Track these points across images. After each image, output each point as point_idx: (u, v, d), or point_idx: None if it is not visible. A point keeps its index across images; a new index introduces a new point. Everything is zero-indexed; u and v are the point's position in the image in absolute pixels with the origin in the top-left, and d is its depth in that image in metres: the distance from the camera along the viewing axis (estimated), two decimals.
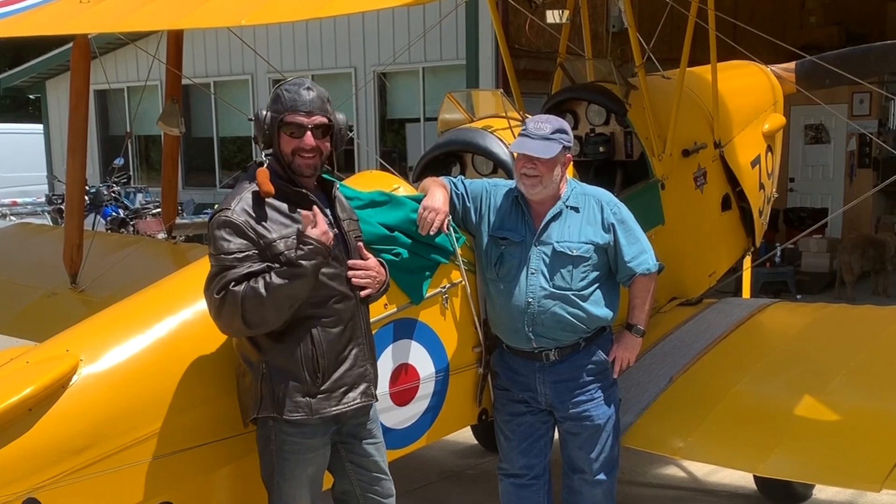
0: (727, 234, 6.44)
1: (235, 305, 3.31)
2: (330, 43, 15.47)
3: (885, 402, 4.34)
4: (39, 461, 3.22)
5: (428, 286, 4.23)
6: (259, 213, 3.43)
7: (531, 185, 4.19)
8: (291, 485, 3.56)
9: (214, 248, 3.40)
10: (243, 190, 3.49)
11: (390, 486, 3.85)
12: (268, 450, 3.56)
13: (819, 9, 16.14)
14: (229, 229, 3.38)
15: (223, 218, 3.41)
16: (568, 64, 6.28)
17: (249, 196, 3.46)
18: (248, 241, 3.38)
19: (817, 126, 14.43)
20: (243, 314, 3.32)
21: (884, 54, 7.22)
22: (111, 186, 14.89)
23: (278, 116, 3.49)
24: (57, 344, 3.57)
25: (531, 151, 4.13)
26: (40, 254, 7.26)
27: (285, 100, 3.49)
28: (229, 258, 3.36)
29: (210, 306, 3.43)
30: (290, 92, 3.50)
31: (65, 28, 5.28)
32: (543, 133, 4.15)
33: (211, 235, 3.43)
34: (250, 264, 3.36)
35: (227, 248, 3.37)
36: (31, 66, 19.53)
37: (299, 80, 3.56)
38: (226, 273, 3.34)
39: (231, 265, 3.35)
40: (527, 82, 8.07)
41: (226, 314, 3.36)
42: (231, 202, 3.45)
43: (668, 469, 6.25)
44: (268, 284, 3.31)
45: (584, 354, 4.29)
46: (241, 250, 3.36)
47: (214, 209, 3.54)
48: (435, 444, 4.74)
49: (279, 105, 3.49)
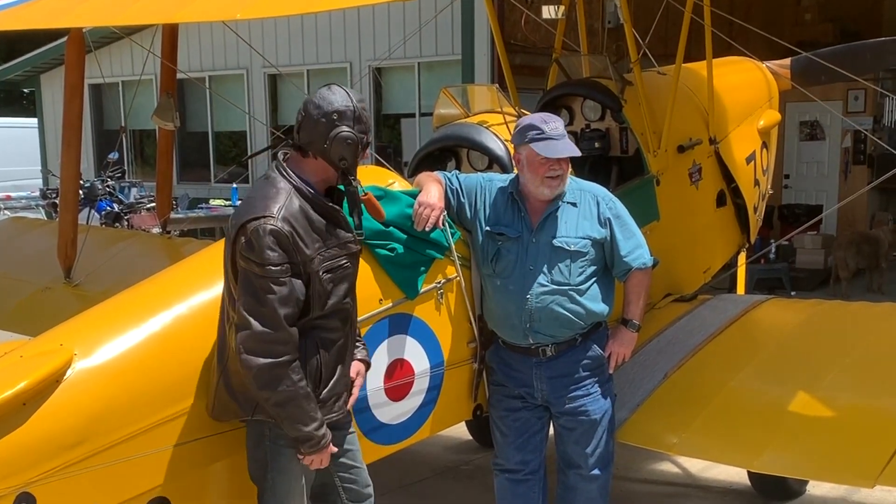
0: (722, 231, 6.44)
1: (277, 382, 3.30)
2: (325, 37, 15.44)
3: (879, 399, 4.34)
4: (33, 456, 3.21)
5: (423, 281, 4.22)
6: (300, 226, 3.37)
7: (556, 185, 4.21)
8: (285, 478, 3.55)
9: (259, 258, 3.29)
10: (280, 194, 3.40)
11: (368, 476, 3.85)
12: (261, 446, 3.55)
13: (814, 5, 16.19)
14: (274, 239, 3.29)
15: (270, 227, 3.30)
16: (563, 59, 6.28)
17: (294, 206, 3.39)
18: (287, 255, 3.32)
19: (812, 123, 14.47)
20: (264, 383, 3.31)
21: (878, 51, 7.23)
22: (105, 181, 14.83)
23: (363, 137, 3.49)
24: (51, 338, 3.56)
25: (563, 153, 4.16)
26: (34, 248, 7.25)
27: (367, 120, 3.52)
28: (275, 270, 3.29)
29: (251, 340, 3.30)
30: (366, 111, 3.52)
31: (59, 22, 5.26)
32: (561, 132, 4.19)
33: (253, 241, 3.30)
34: (289, 278, 3.32)
35: (273, 260, 3.29)
36: (26, 59, 19.48)
37: (360, 95, 3.57)
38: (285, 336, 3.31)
39: (276, 278, 3.29)
40: (522, 78, 8.03)
41: (264, 378, 3.31)
42: (272, 207, 3.34)
43: (663, 465, 6.26)
44: (299, 404, 3.35)
45: (580, 350, 4.30)
46: (283, 263, 3.31)
47: (246, 211, 3.39)
48: (430, 440, 4.74)
49: (364, 126, 3.50)
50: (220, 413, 3.58)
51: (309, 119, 3.47)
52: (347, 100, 3.47)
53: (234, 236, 3.37)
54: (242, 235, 3.33)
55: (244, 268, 3.34)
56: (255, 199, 3.43)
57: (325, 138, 3.44)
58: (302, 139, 3.50)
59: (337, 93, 3.48)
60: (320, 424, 3.43)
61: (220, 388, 3.53)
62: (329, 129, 3.44)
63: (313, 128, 3.46)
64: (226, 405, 3.54)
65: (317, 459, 3.49)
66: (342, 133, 3.43)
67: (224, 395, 3.52)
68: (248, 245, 3.31)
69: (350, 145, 3.45)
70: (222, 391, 3.52)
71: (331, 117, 3.44)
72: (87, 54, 6.15)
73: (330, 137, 3.43)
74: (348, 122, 3.45)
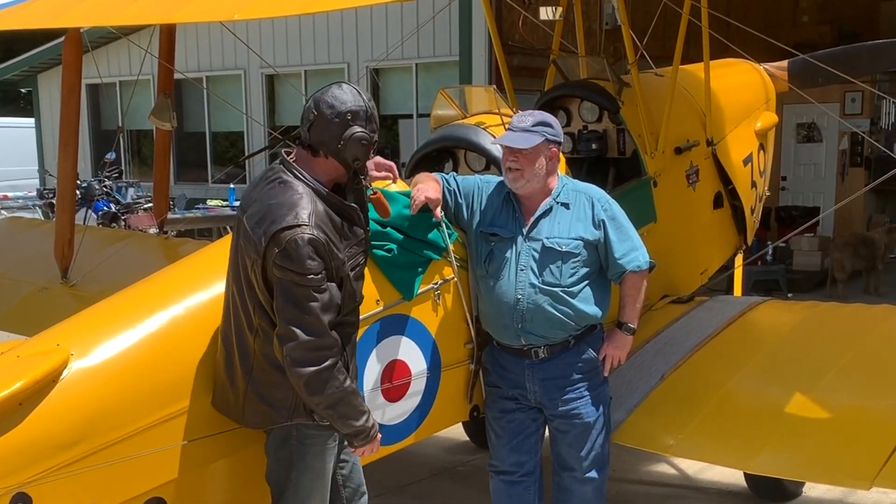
0: (719, 232, 6.45)
1: (327, 383, 3.34)
2: (323, 38, 15.44)
3: (875, 400, 4.35)
4: (30, 456, 3.20)
5: (420, 282, 4.22)
6: (330, 230, 3.38)
7: (514, 178, 4.21)
8: (309, 477, 3.56)
9: (302, 268, 3.27)
10: (304, 199, 3.38)
11: (362, 476, 3.89)
12: (286, 447, 3.54)
13: (812, 7, 16.21)
14: (313, 248, 3.28)
15: (308, 236, 3.28)
16: (561, 61, 6.29)
17: (321, 209, 3.39)
18: (324, 262, 3.32)
19: (809, 125, 14.48)
20: (316, 389, 3.34)
21: (875, 53, 7.25)
22: (103, 181, 14.81)
23: (374, 136, 3.51)
24: (48, 338, 3.56)
25: (508, 142, 4.18)
26: (31, 248, 7.24)
27: (377, 120, 3.54)
28: (316, 278, 3.29)
29: (298, 350, 3.31)
30: (373, 110, 3.52)
31: (56, 22, 5.26)
32: (524, 125, 4.18)
33: (292, 252, 3.27)
34: (328, 284, 3.33)
35: (314, 269, 3.28)
36: (23, 59, 19.44)
37: (368, 94, 3.58)
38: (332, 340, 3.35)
39: (317, 286, 3.29)
40: (520, 79, 8.05)
41: (314, 385, 3.34)
42: (302, 214, 3.32)
43: (659, 466, 6.26)
44: (350, 401, 3.42)
45: (573, 352, 4.29)
46: (321, 270, 3.31)
47: (275, 219, 3.33)
48: (426, 441, 4.74)
49: (375, 125, 3.52)
50: (257, 422, 3.57)
51: (322, 118, 3.45)
52: (360, 99, 3.49)
53: (264, 246, 3.32)
54: (276, 245, 3.29)
55: (280, 278, 3.31)
56: (279, 205, 3.37)
57: (338, 139, 3.44)
58: (313, 139, 3.48)
59: (349, 92, 3.49)
60: (368, 416, 3.50)
61: (249, 397, 3.51)
62: (343, 129, 3.44)
63: (326, 128, 3.45)
64: (263, 413, 3.52)
65: (367, 449, 3.58)
66: (357, 133, 3.44)
67: (256, 403, 3.51)
68: (285, 255, 3.28)
69: (364, 146, 3.47)
70: (253, 400, 3.51)
71: (345, 117, 3.44)
72: (85, 54, 6.14)
73: (344, 138, 3.44)
74: (361, 122, 3.46)
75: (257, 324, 3.42)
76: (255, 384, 3.48)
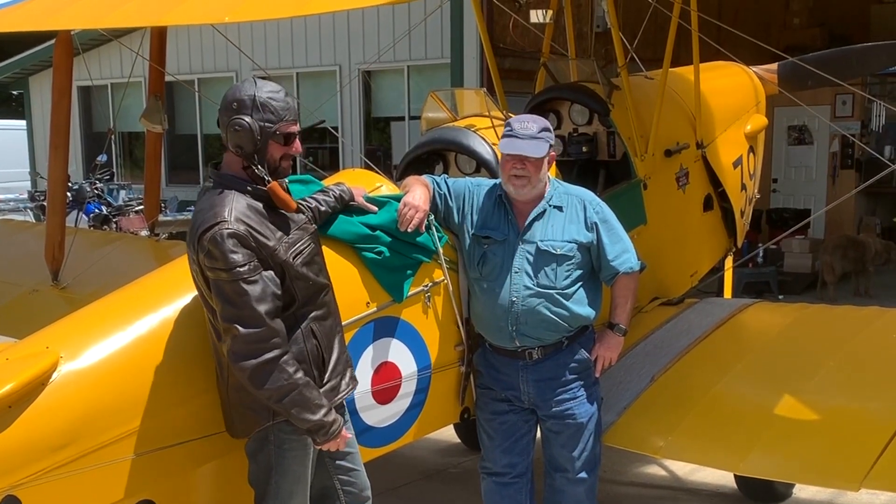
0: (709, 235, 6.47)
1: (269, 373, 3.32)
2: (315, 41, 15.45)
3: (864, 402, 4.36)
4: (19, 458, 3.20)
5: (410, 285, 4.23)
6: (254, 221, 3.39)
7: (521, 185, 4.20)
8: (288, 481, 3.56)
9: (226, 263, 3.29)
10: (224, 198, 3.41)
11: (366, 479, 3.87)
12: (264, 450, 3.55)
13: (803, 10, 16.24)
14: (235, 241, 3.30)
15: (226, 230, 3.30)
16: (551, 64, 6.31)
17: (241, 205, 3.40)
18: (251, 252, 3.33)
19: (800, 127, 14.51)
20: (261, 382, 3.32)
21: (864, 56, 7.28)
22: (94, 183, 14.79)
23: (273, 126, 3.45)
24: (37, 341, 3.55)
25: (523, 151, 4.14)
26: (22, 251, 7.22)
27: (277, 109, 3.45)
28: (243, 270, 3.30)
29: (238, 343, 3.31)
30: (277, 101, 3.45)
31: (47, 24, 5.26)
32: (531, 132, 4.16)
33: (213, 250, 3.30)
34: (259, 275, 3.33)
35: (238, 261, 3.29)
36: (14, 61, 19.40)
37: (276, 86, 3.52)
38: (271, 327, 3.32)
39: (246, 278, 3.29)
40: (511, 81, 8.07)
41: (259, 377, 3.32)
42: (222, 212, 3.35)
43: (650, 468, 6.27)
44: (301, 393, 3.37)
45: (566, 353, 4.31)
46: (248, 261, 3.32)
47: (198, 224, 3.38)
48: (417, 443, 4.75)
49: (271, 115, 3.44)
50: (244, 430, 3.57)
51: (220, 111, 3.51)
52: (252, 89, 3.45)
53: (195, 252, 3.38)
54: (202, 248, 3.34)
55: (214, 278, 3.34)
56: (202, 211, 3.44)
57: (225, 128, 3.47)
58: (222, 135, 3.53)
59: (248, 84, 3.49)
60: (328, 411, 3.45)
61: (233, 406, 3.53)
62: (227, 118, 3.45)
63: (220, 119, 3.49)
64: (247, 420, 3.53)
65: (332, 446, 3.52)
66: (233, 120, 3.42)
67: (240, 409, 3.52)
68: (210, 254, 3.32)
69: (239, 132, 3.42)
70: (237, 407, 3.52)
71: (230, 107, 3.45)
72: (76, 57, 6.12)
73: (228, 127, 3.45)
74: (247, 110, 3.42)
75: (218, 330, 3.44)
76: (234, 390, 3.50)
